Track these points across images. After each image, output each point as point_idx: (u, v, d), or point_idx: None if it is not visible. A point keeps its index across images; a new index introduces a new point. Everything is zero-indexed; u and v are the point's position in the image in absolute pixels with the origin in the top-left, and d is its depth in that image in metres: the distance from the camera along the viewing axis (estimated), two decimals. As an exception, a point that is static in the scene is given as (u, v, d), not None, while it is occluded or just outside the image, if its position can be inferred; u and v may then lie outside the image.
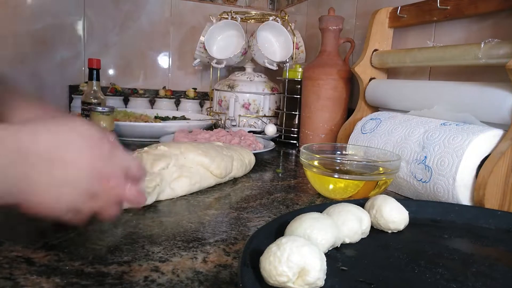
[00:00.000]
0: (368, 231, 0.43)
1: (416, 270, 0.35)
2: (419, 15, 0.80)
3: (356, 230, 0.41)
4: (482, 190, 0.54)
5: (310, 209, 0.43)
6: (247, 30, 1.62)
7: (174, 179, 0.58)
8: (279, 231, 0.40)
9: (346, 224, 0.41)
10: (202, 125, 1.15)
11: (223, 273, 0.37)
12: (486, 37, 0.63)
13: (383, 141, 0.70)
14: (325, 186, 0.62)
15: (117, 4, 1.55)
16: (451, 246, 0.42)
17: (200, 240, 0.44)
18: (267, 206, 0.58)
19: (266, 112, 1.29)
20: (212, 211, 0.54)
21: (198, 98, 1.59)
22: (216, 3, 1.69)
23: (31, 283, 0.33)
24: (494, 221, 0.48)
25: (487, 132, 0.57)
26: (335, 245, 0.39)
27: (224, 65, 1.35)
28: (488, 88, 0.60)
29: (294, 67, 1.16)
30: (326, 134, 1.00)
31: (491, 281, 0.34)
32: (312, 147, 0.69)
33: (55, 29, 1.49)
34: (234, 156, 0.70)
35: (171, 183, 0.57)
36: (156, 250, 0.40)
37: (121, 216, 0.49)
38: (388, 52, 0.86)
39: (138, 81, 1.63)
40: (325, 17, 0.99)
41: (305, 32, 1.43)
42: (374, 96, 0.87)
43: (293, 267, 0.29)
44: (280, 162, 0.92)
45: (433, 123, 0.65)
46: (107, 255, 0.39)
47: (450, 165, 0.56)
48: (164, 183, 0.56)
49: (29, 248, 0.39)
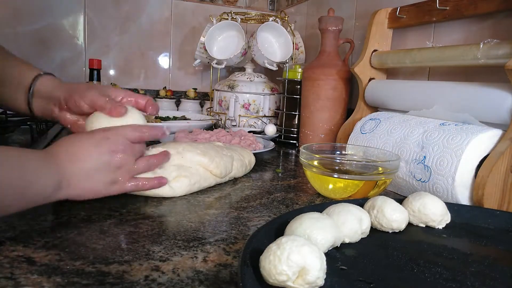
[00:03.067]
0: (368, 231, 0.43)
1: (415, 269, 0.36)
2: (418, 15, 0.80)
3: (356, 230, 0.41)
4: (481, 190, 0.54)
5: (309, 209, 0.44)
6: (247, 30, 1.62)
7: (174, 179, 0.58)
8: (279, 231, 0.40)
9: (346, 224, 0.41)
10: (203, 125, 1.16)
11: (223, 273, 0.37)
12: (485, 37, 0.63)
13: (383, 141, 0.70)
14: (325, 186, 0.62)
15: (117, 5, 1.55)
16: (450, 246, 0.42)
17: (200, 240, 0.44)
18: (267, 205, 0.58)
19: (266, 112, 1.30)
20: (213, 211, 0.54)
21: (198, 98, 1.59)
22: (216, 4, 1.69)
23: (32, 283, 0.33)
24: (493, 220, 0.48)
25: (486, 132, 0.57)
26: (335, 245, 0.39)
27: (224, 66, 1.35)
28: (487, 88, 0.60)
29: (294, 67, 1.16)
30: (326, 134, 1.00)
31: (490, 281, 0.34)
32: (312, 147, 0.69)
33: (55, 30, 1.50)
34: (234, 156, 0.70)
35: (171, 182, 0.58)
36: (156, 250, 0.41)
37: (121, 216, 0.50)
38: (388, 53, 0.86)
39: (139, 82, 1.64)
40: (325, 17, 1.00)
41: (305, 33, 1.43)
42: (374, 96, 0.87)
43: (293, 266, 0.29)
44: (280, 162, 0.92)
45: (432, 123, 0.65)
46: (108, 255, 0.39)
47: (449, 165, 0.57)
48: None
49: (30, 247, 0.39)
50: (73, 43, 1.53)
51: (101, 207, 0.52)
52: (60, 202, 0.53)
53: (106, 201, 0.55)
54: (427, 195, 0.47)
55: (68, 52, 1.52)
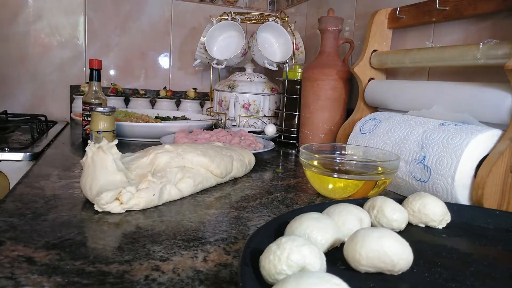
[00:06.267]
0: (367, 231, 0.43)
1: (415, 269, 0.36)
2: (418, 15, 0.80)
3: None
4: (481, 189, 0.54)
5: (309, 209, 0.44)
6: (247, 31, 1.62)
7: (179, 180, 0.58)
8: (279, 231, 0.40)
9: (346, 224, 0.41)
10: (203, 125, 1.16)
11: (223, 272, 0.37)
12: (485, 37, 0.63)
13: (382, 141, 0.71)
14: (325, 185, 0.62)
15: (117, 5, 1.56)
16: (449, 246, 0.42)
17: (200, 239, 0.44)
18: (267, 205, 0.58)
19: (266, 112, 1.30)
20: (213, 211, 0.54)
21: (198, 98, 1.60)
22: (216, 4, 1.69)
23: (32, 283, 0.33)
24: (492, 220, 0.48)
25: (486, 132, 0.57)
26: (335, 245, 0.39)
27: (224, 66, 1.35)
28: (487, 88, 0.61)
29: (293, 67, 1.16)
30: (326, 134, 1.01)
31: (490, 281, 0.34)
32: (312, 147, 0.69)
33: (55, 30, 1.50)
34: (234, 156, 0.70)
35: (177, 184, 0.58)
36: (156, 249, 0.41)
37: (121, 215, 0.50)
38: (387, 53, 0.86)
39: (139, 82, 1.64)
40: (325, 18, 1.00)
41: (304, 33, 1.43)
42: (373, 97, 0.87)
43: (293, 266, 0.29)
44: (280, 162, 0.92)
45: (432, 123, 0.65)
46: (108, 254, 0.39)
47: (449, 165, 0.57)
48: (169, 184, 0.56)
49: (30, 247, 0.39)
50: (73, 43, 1.53)
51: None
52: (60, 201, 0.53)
53: (106, 201, 0.55)
54: (427, 195, 0.47)
55: (68, 52, 1.52)
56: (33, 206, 0.51)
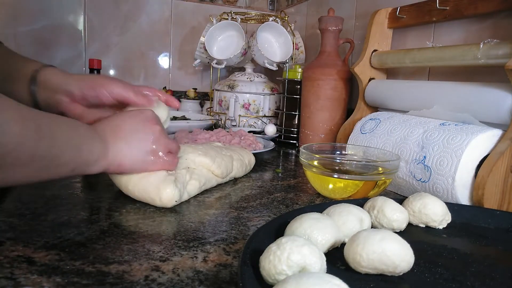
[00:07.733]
0: (368, 231, 0.43)
1: (415, 269, 0.36)
2: (418, 15, 0.80)
3: (356, 230, 0.41)
4: (481, 190, 0.54)
5: (310, 209, 0.44)
6: (247, 30, 1.62)
7: (187, 182, 0.58)
8: (279, 231, 0.40)
9: (347, 224, 0.41)
10: (202, 125, 1.16)
11: (223, 273, 0.37)
12: (485, 37, 0.63)
13: (383, 141, 0.70)
14: (325, 186, 0.62)
15: (117, 5, 1.55)
16: (450, 246, 0.42)
17: (200, 240, 0.44)
18: (267, 205, 0.58)
19: (266, 112, 1.30)
20: (213, 211, 0.54)
21: (198, 98, 1.59)
22: (216, 4, 1.69)
23: (32, 283, 0.33)
24: (493, 220, 0.48)
25: (486, 132, 0.57)
26: (335, 245, 0.39)
27: (224, 66, 1.35)
28: (487, 88, 0.60)
29: (293, 67, 1.16)
30: (326, 134, 1.00)
31: (490, 281, 0.34)
32: (312, 147, 0.69)
33: (55, 30, 1.50)
34: (234, 156, 0.70)
35: (186, 186, 0.57)
36: (156, 250, 0.41)
37: (121, 216, 0.50)
38: (388, 53, 0.86)
39: (139, 82, 1.63)
40: (325, 17, 1.00)
41: (305, 33, 1.43)
42: (374, 96, 0.87)
43: (293, 266, 0.29)
44: (280, 162, 0.92)
45: (432, 123, 0.65)
46: (108, 255, 0.39)
47: (449, 165, 0.57)
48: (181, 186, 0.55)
49: (30, 247, 0.39)
50: (73, 43, 1.53)
51: (101, 207, 0.52)
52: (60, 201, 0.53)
53: (106, 201, 0.55)
54: (427, 195, 0.47)
55: (68, 52, 1.52)
56: (33, 206, 0.51)
